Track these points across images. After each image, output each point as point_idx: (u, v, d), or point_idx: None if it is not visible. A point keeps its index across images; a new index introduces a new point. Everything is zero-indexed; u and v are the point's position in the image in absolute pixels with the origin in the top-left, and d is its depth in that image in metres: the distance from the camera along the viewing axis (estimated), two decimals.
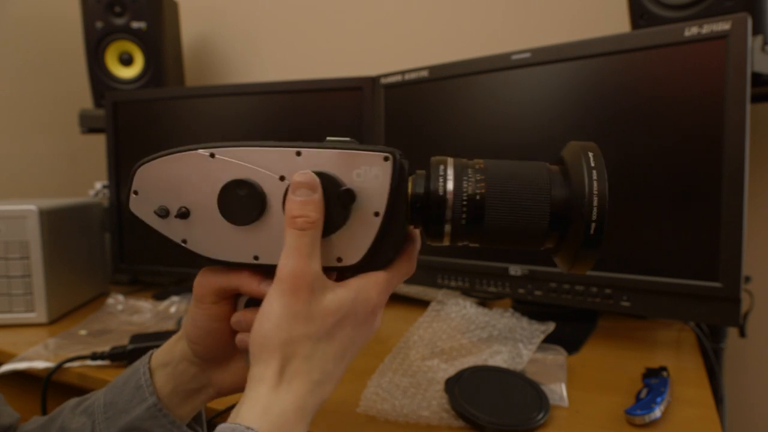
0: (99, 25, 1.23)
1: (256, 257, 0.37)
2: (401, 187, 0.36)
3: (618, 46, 0.71)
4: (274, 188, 0.36)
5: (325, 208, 0.35)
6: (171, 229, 0.37)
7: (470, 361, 0.66)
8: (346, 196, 0.35)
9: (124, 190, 0.36)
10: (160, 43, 1.26)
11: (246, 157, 0.35)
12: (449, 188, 0.36)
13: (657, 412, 0.55)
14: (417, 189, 0.37)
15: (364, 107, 0.94)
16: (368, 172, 0.35)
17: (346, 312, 0.35)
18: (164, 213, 0.37)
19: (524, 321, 0.74)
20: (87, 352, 0.75)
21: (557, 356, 0.70)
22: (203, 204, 0.36)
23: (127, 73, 1.28)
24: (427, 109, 0.89)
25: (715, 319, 0.67)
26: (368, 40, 1.32)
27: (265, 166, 0.35)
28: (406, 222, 0.37)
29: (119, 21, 1.23)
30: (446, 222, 0.36)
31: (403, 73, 0.91)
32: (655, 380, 0.62)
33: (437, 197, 0.36)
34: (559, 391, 0.60)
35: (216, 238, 0.37)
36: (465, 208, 0.36)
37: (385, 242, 0.36)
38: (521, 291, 0.81)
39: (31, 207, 0.91)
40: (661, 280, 0.69)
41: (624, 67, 0.71)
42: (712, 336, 0.82)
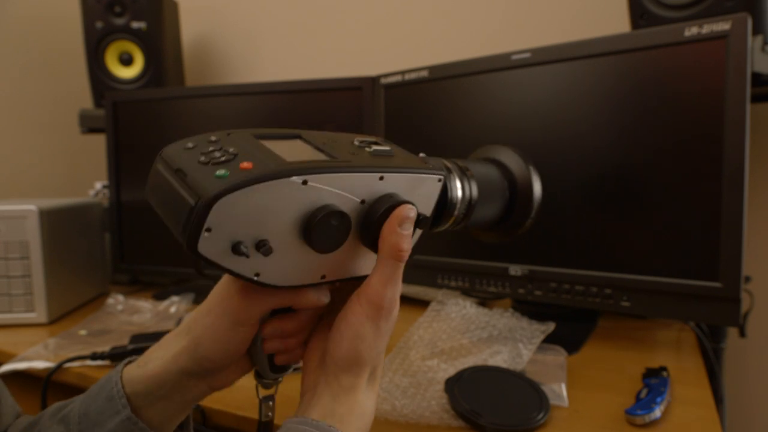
0: (99, 25, 1.23)
1: (323, 276, 0.37)
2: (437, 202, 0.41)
3: (618, 46, 0.71)
4: (355, 212, 0.35)
5: None
6: (242, 265, 0.32)
7: (470, 361, 0.66)
8: (425, 222, 0.39)
9: (186, 230, 0.30)
10: (160, 43, 1.26)
11: (335, 182, 0.33)
12: (459, 196, 0.44)
13: (657, 412, 0.55)
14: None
15: (364, 107, 0.94)
16: (426, 191, 0.39)
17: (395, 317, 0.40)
18: (243, 250, 0.31)
19: (524, 321, 0.74)
20: (87, 352, 0.75)
21: (557, 356, 0.70)
22: (284, 233, 0.33)
23: (127, 73, 1.28)
24: (427, 109, 0.89)
25: (715, 319, 0.67)
26: (368, 40, 1.32)
27: (351, 190, 0.34)
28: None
29: (119, 21, 1.23)
30: (451, 218, 0.44)
31: (403, 73, 0.91)
32: (655, 380, 0.62)
33: (452, 204, 0.43)
34: (559, 391, 0.60)
35: (290, 265, 0.34)
36: (465, 209, 0.44)
37: (419, 244, 0.41)
38: (521, 291, 0.81)
39: (31, 207, 0.91)
40: (661, 280, 0.69)
41: (624, 67, 0.71)
42: (712, 336, 0.82)
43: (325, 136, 0.39)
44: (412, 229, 0.36)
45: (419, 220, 0.37)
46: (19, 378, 0.75)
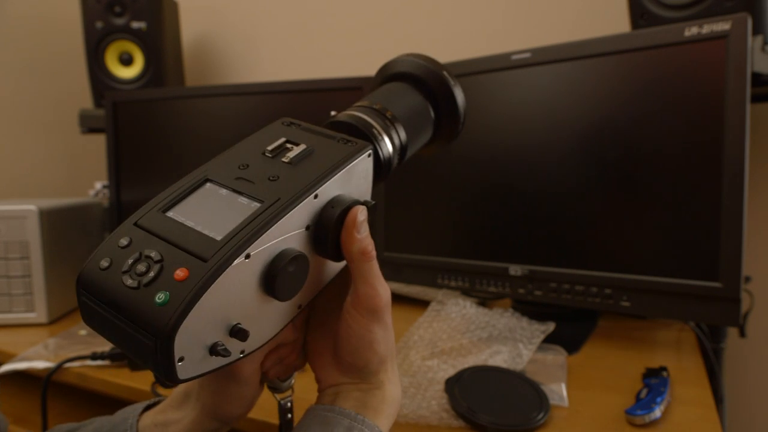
0: (99, 25, 1.23)
1: (299, 306, 0.36)
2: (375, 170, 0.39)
3: (618, 46, 0.71)
4: (304, 241, 0.33)
5: None
6: (230, 356, 0.31)
7: (470, 361, 0.66)
8: (374, 209, 0.37)
9: (160, 370, 0.28)
10: (160, 43, 1.26)
11: (276, 233, 0.31)
12: (390, 150, 0.40)
13: (657, 412, 0.55)
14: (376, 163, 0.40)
15: None
16: (361, 172, 0.37)
17: None
18: (219, 348, 0.29)
19: (524, 321, 0.74)
20: (87, 352, 0.75)
21: (557, 356, 0.70)
22: (250, 305, 0.31)
23: (127, 73, 1.28)
24: None
25: (715, 319, 0.67)
26: (368, 40, 1.32)
27: (292, 227, 0.32)
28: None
29: (119, 21, 1.23)
30: (391, 171, 0.41)
31: None
32: (655, 380, 0.62)
33: (388, 161, 0.40)
34: (559, 391, 0.60)
35: (268, 321, 0.33)
36: (398, 156, 0.41)
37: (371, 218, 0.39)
38: (521, 291, 0.81)
39: (31, 207, 0.91)
40: (661, 280, 0.69)
41: (624, 67, 0.71)
42: (712, 336, 0.82)
43: (233, 161, 0.36)
44: (367, 226, 0.36)
45: (369, 209, 0.36)
46: (19, 378, 0.75)
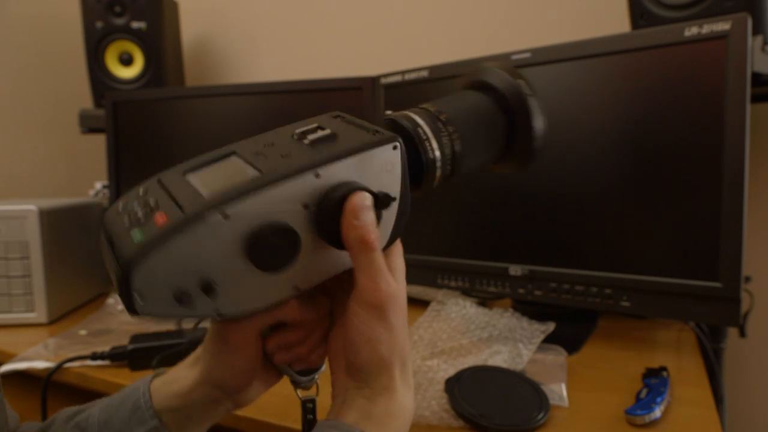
0: (99, 25, 1.23)
1: (296, 287, 0.35)
2: (406, 167, 0.36)
3: (618, 46, 0.71)
4: (301, 219, 0.33)
5: None
6: (198, 309, 0.31)
7: (470, 361, 0.66)
8: (386, 200, 0.35)
9: (121, 298, 0.30)
10: (160, 43, 1.26)
11: (263, 203, 0.31)
12: (437, 155, 0.38)
13: (657, 412, 0.55)
14: (410, 160, 0.38)
15: (364, 107, 0.94)
16: (381, 165, 0.35)
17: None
18: (185, 297, 0.30)
19: (524, 321, 0.74)
20: (87, 352, 0.75)
21: (557, 356, 0.70)
22: (229, 266, 0.31)
23: (127, 73, 1.28)
24: None
25: (715, 319, 0.67)
26: (368, 40, 1.32)
27: (285, 201, 0.32)
28: (410, 194, 0.38)
29: (119, 21, 1.23)
30: (436, 180, 0.39)
31: (403, 73, 0.91)
32: (655, 380, 0.62)
33: (430, 165, 0.38)
34: (559, 391, 0.60)
35: (252, 291, 0.33)
36: (449, 164, 0.39)
37: (401, 220, 0.37)
38: (521, 291, 0.81)
39: (31, 207, 0.91)
40: (661, 280, 0.69)
41: (624, 67, 0.71)
42: (712, 336, 0.82)
43: (264, 140, 0.37)
44: (371, 215, 0.33)
45: (380, 200, 0.34)
46: (19, 378, 0.75)
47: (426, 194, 0.40)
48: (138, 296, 0.29)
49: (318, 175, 0.33)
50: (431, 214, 0.90)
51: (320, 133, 0.35)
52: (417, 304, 0.95)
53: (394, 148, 0.35)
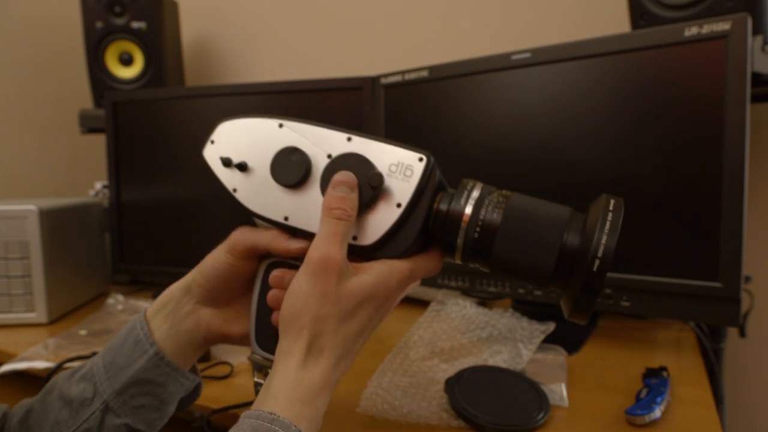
0: (99, 25, 1.23)
1: (285, 218, 0.41)
2: (428, 187, 0.39)
3: (618, 46, 0.71)
4: (321, 163, 0.40)
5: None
6: (227, 178, 0.42)
7: (470, 361, 0.66)
8: (376, 178, 0.38)
9: (204, 141, 0.44)
10: (160, 43, 1.26)
11: (305, 131, 0.41)
12: (468, 210, 0.39)
13: (657, 412, 0.55)
14: (442, 205, 0.39)
15: (364, 107, 0.94)
16: (402, 167, 0.39)
17: (368, 294, 0.38)
18: (228, 162, 0.42)
19: (524, 321, 0.74)
20: (87, 352, 0.75)
21: (557, 356, 0.70)
22: (260, 162, 0.42)
23: (127, 73, 1.28)
24: (427, 109, 0.89)
25: (715, 319, 0.67)
26: (368, 40, 1.32)
27: (318, 143, 0.41)
28: (425, 222, 0.39)
29: (119, 21, 1.23)
30: (458, 239, 0.39)
31: (403, 73, 0.91)
32: (655, 380, 0.62)
33: (456, 214, 0.39)
34: (559, 391, 0.60)
35: (260, 193, 0.42)
36: (478, 230, 0.38)
37: (400, 233, 0.39)
38: (521, 291, 0.81)
39: (31, 207, 0.91)
40: (661, 280, 0.69)
41: (624, 67, 0.71)
42: (712, 336, 0.82)
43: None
44: (347, 192, 0.38)
45: (371, 175, 0.38)
46: (19, 378, 0.75)
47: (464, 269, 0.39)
48: (210, 143, 0.43)
49: (350, 139, 0.40)
50: None
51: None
52: (417, 304, 0.96)
53: (420, 159, 0.39)
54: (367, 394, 0.59)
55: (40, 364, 0.74)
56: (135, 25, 1.23)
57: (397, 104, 0.92)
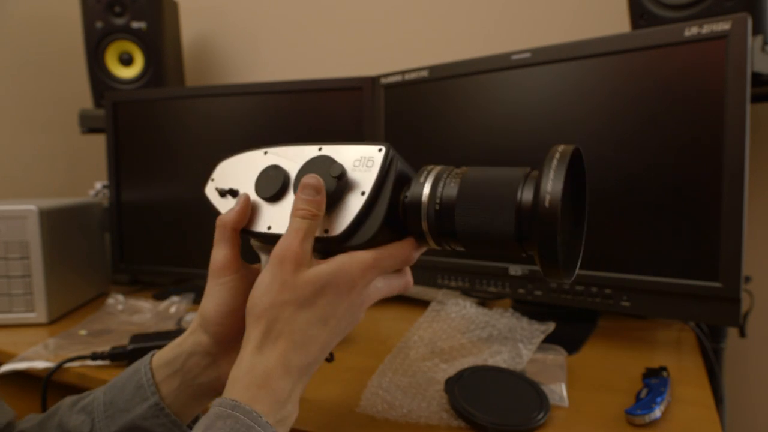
0: (99, 25, 1.23)
1: (269, 227, 0.44)
2: (389, 174, 0.41)
3: (618, 46, 0.71)
4: (295, 173, 0.44)
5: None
6: (224, 207, 0.47)
7: (470, 361, 0.66)
8: (337, 168, 0.41)
9: (205, 180, 0.49)
10: (160, 43, 1.26)
11: (285, 152, 0.45)
12: (426, 189, 0.41)
13: (657, 412, 0.55)
14: (406, 192, 0.42)
15: (364, 107, 0.94)
16: (364, 160, 0.42)
17: (326, 282, 0.39)
18: (223, 193, 0.47)
19: (524, 321, 0.74)
20: (87, 352, 0.75)
21: (557, 356, 0.70)
22: (247, 185, 0.46)
23: (127, 73, 1.28)
24: (427, 109, 0.89)
25: (715, 319, 0.67)
26: (368, 40, 1.32)
27: (294, 158, 0.44)
28: (391, 210, 0.41)
29: (119, 21, 1.23)
30: (422, 222, 0.41)
31: (403, 73, 0.91)
32: (655, 380, 0.62)
33: (416, 196, 0.41)
34: (559, 391, 0.60)
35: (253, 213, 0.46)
36: (437, 206, 0.40)
37: (367, 221, 0.41)
38: (521, 291, 0.81)
39: (31, 207, 0.91)
40: (661, 280, 0.69)
41: (624, 67, 0.71)
42: (712, 336, 0.82)
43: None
44: (313, 194, 0.40)
45: (333, 167, 0.41)
46: (19, 378, 0.75)
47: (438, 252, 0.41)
48: (210, 181, 0.49)
49: (320, 149, 0.44)
50: None
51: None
52: (417, 304, 0.96)
53: (380, 150, 0.41)
54: (367, 394, 0.59)
55: (40, 364, 0.74)
56: (135, 25, 1.23)
57: (397, 104, 0.92)
